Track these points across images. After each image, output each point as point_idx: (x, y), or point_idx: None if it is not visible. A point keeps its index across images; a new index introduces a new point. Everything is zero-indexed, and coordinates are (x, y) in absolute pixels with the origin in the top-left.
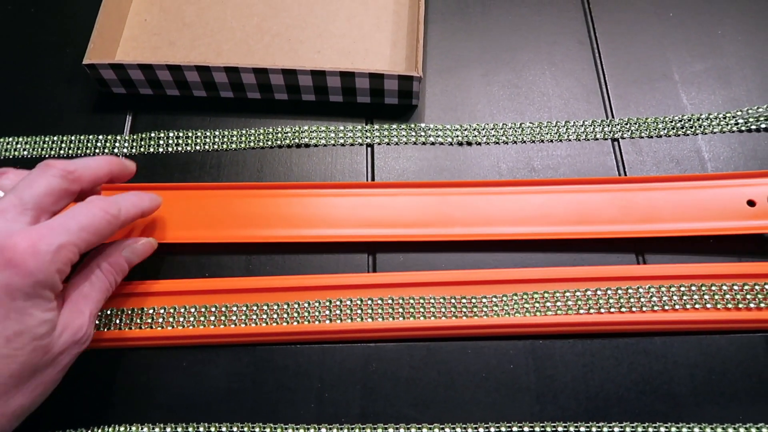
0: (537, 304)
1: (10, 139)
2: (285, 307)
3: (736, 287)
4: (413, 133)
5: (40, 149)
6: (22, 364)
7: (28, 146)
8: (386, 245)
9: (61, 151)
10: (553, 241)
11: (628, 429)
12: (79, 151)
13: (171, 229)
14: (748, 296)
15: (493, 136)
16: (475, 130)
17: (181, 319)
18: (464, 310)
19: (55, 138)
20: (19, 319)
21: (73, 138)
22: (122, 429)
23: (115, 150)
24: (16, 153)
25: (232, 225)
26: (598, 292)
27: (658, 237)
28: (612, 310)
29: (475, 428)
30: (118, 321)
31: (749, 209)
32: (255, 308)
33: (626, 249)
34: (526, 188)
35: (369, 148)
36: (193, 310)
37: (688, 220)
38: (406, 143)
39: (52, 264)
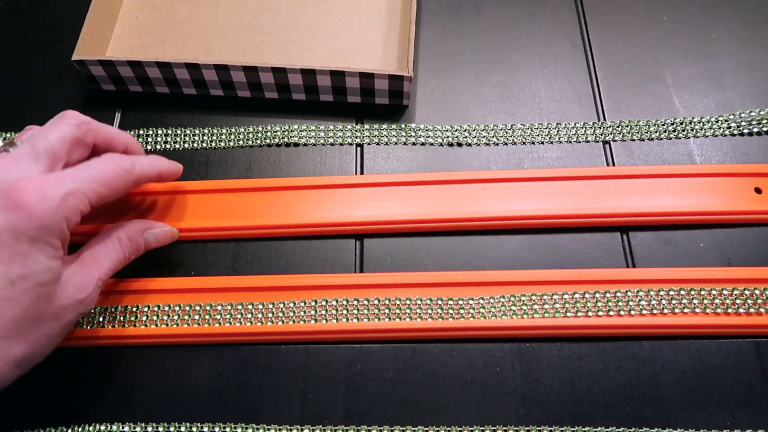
0: (524, 307)
1: None
2: (270, 306)
3: (725, 292)
4: (403, 134)
5: None
6: (25, 310)
7: None
8: (374, 234)
9: None
10: (540, 225)
11: None
12: None
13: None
14: (738, 301)
15: (484, 137)
16: (465, 131)
17: (165, 318)
18: (450, 311)
19: None
20: (23, 263)
21: None
22: (103, 428)
23: None
24: None
25: (218, 220)
26: (587, 295)
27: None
28: (600, 313)
29: (459, 431)
30: (101, 318)
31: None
32: (240, 308)
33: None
34: (515, 184)
35: (359, 148)
36: (177, 308)
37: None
38: (396, 143)
39: (59, 210)
